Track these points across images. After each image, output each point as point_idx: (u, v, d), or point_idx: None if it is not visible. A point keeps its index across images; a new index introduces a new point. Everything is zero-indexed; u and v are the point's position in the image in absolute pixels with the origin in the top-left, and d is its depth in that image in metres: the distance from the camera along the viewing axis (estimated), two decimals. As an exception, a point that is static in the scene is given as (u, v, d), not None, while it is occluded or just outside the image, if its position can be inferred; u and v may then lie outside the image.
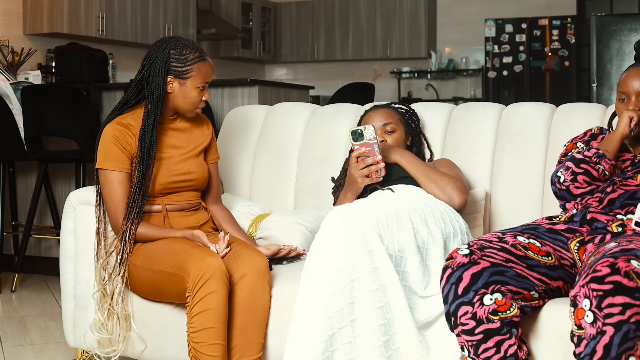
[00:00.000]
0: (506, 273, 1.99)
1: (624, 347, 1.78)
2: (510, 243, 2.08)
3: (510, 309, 1.97)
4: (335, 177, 2.92)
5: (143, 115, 2.53)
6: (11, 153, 4.34)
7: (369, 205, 2.22)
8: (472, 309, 1.96)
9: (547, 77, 8.20)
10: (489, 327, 1.96)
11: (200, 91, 2.54)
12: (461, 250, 2.04)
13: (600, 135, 2.50)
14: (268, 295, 2.39)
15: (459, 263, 2.01)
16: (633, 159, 2.34)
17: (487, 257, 2.01)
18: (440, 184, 2.53)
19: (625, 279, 1.82)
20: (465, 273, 1.99)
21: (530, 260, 2.06)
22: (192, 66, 2.52)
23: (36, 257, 4.77)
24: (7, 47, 5.56)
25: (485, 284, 1.97)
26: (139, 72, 2.55)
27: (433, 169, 2.58)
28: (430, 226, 2.31)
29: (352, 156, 2.58)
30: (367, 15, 9.29)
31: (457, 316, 1.98)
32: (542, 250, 2.11)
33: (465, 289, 1.97)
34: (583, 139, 2.51)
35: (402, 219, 2.24)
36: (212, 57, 8.78)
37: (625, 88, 2.37)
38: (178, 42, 2.55)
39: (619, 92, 2.41)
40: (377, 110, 2.82)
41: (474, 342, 1.97)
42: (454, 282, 1.99)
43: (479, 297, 1.96)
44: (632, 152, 2.38)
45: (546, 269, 2.07)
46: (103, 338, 2.54)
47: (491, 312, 1.96)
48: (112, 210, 2.51)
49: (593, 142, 2.48)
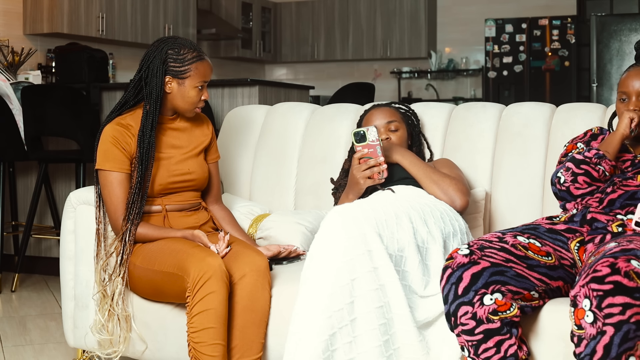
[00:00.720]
0: (506, 273, 1.99)
1: (624, 347, 1.78)
2: (511, 243, 2.08)
3: (511, 309, 1.97)
4: (334, 178, 2.92)
5: (142, 115, 2.53)
6: (11, 153, 4.34)
7: (369, 205, 2.22)
8: (472, 309, 1.96)
9: (547, 77, 8.20)
10: (489, 327, 1.96)
11: (199, 91, 2.54)
12: (461, 250, 2.04)
13: (600, 136, 2.49)
14: (268, 295, 2.39)
15: (459, 263, 2.01)
16: (633, 159, 2.34)
17: (487, 257, 2.01)
18: (442, 185, 2.53)
19: (625, 279, 1.82)
20: (466, 273, 1.99)
21: (530, 260, 2.06)
22: (190, 66, 2.51)
23: (36, 257, 4.77)
24: (7, 47, 5.56)
25: (486, 284, 1.97)
26: (137, 72, 2.55)
27: (435, 170, 2.58)
28: (430, 226, 2.31)
29: (355, 157, 2.58)
30: (367, 15, 9.29)
31: (457, 316, 1.98)
32: (542, 250, 2.11)
33: (465, 289, 1.97)
34: (583, 139, 2.51)
35: (402, 219, 2.24)
36: (212, 57, 8.79)
37: (626, 88, 2.37)
38: (176, 42, 2.54)
39: (619, 92, 2.40)
40: (379, 109, 2.82)
41: (474, 342, 1.97)
42: (454, 282, 1.99)
43: (479, 297, 1.96)
44: (633, 152, 2.38)
45: (546, 269, 2.07)
46: (104, 339, 2.54)
47: (491, 312, 1.96)
48: (112, 211, 2.51)
49: (593, 142, 2.48)
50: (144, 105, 2.54)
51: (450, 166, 2.69)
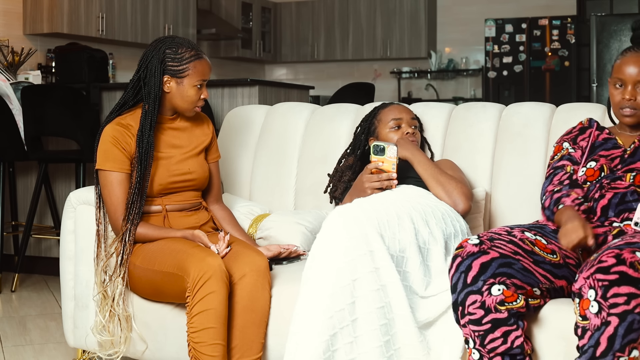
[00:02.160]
0: (513, 265, 2.00)
1: (628, 339, 1.79)
2: (519, 237, 2.09)
3: (517, 300, 1.97)
4: (330, 173, 2.91)
5: (140, 116, 2.53)
6: (11, 153, 4.34)
7: (370, 205, 2.22)
8: (480, 297, 1.97)
9: (547, 77, 8.19)
10: (497, 316, 1.96)
11: (197, 89, 2.54)
12: (471, 240, 2.05)
13: (589, 129, 2.42)
14: (268, 295, 2.39)
15: (469, 252, 2.02)
16: (622, 154, 2.30)
17: (496, 248, 2.02)
18: (447, 187, 2.53)
19: (630, 270, 1.82)
20: (475, 262, 1.99)
21: (536, 255, 2.07)
22: (188, 65, 2.51)
23: (36, 257, 4.77)
24: (7, 47, 5.56)
25: (493, 274, 1.97)
26: (136, 72, 2.55)
27: (442, 172, 2.58)
28: (432, 226, 2.31)
29: (368, 167, 2.59)
30: (367, 15, 9.28)
31: (465, 305, 1.98)
32: (547, 247, 2.11)
33: (474, 278, 1.98)
34: (570, 137, 2.44)
35: (404, 219, 2.24)
36: (212, 57, 8.79)
37: (622, 75, 2.28)
38: (173, 41, 2.54)
39: (614, 77, 2.31)
40: (400, 105, 2.84)
41: (481, 332, 1.97)
42: (463, 270, 2.00)
43: (488, 286, 1.97)
44: (622, 146, 2.32)
45: (551, 267, 2.07)
46: (105, 340, 2.54)
47: (498, 302, 1.96)
48: (112, 211, 2.50)
49: (580, 136, 2.41)
50: (142, 106, 2.54)
51: (452, 168, 2.69)
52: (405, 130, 2.76)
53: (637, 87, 2.27)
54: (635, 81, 2.26)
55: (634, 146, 2.30)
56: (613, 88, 2.32)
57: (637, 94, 2.28)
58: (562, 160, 2.36)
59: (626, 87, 2.28)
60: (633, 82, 2.26)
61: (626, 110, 2.30)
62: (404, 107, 2.85)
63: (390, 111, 2.81)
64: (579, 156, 2.36)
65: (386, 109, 2.83)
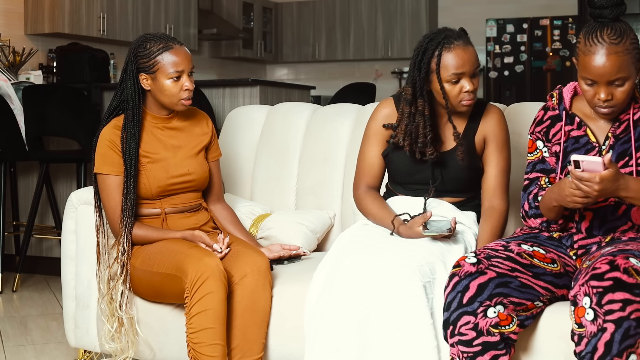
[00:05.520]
0: (510, 284, 1.97)
1: (625, 344, 1.78)
2: (516, 252, 2.05)
3: (510, 324, 1.96)
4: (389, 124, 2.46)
5: (122, 124, 2.49)
6: (12, 153, 4.34)
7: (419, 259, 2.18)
8: (474, 319, 1.95)
9: (549, 77, 8.19)
10: (489, 339, 1.95)
11: (174, 81, 2.47)
12: (469, 258, 2.02)
13: (558, 123, 2.20)
14: (269, 295, 2.39)
15: (466, 272, 1.99)
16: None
17: (493, 267, 1.99)
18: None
19: (624, 275, 1.82)
20: (473, 283, 1.97)
21: (536, 268, 2.04)
22: (155, 58, 2.46)
23: (37, 257, 4.77)
24: (9, 47, 5.57)
25: (490, 295, 1.95)
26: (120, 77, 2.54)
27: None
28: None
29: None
30: (368, 16, 9.28)
31: (457, 325, 1.96)
32: (547, 257, 2.08)
33: (471, 298, 1.96)
34: (542, 131, 2.24)
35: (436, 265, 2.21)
36: (213, 57, 8.80)
37: (591, 74, 1.99)
38: (143, 37, 2.51)
39: (582, 77, 2.02)
40: (462, 51, 2.33)
41: (470, 354, 1.96)
42: (460, 290, 1.97)
43: (484, 308, 1.95)
44: (595, 144, 2.14)
45: (552, 277, 2.05)
46: (114, 348, 2.52)
47: (493, 324, 1.94)
48: (111, 214, 2.50)
49: (552, 130, 2.21)
50: (125, 112, 2.50)
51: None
52: (465, 86, 2.32)
53: (611, 84, 2.01)
54: (609, 80, 2.00)
55: (608, 144, 2.13)
56: (585, 85, 2.04)
57: (613, 90, 2.02)
58: (535, 172, 2.23)
59: (600, 87, 2.02)
60: (607, 82, 2.00)
61: (603, 110, 2.05)
62: (468, 50, 2.34)
63: (453, 58, 2.31)
64: (554, 162, 2.21)
65: (449, 54, 2.31)
